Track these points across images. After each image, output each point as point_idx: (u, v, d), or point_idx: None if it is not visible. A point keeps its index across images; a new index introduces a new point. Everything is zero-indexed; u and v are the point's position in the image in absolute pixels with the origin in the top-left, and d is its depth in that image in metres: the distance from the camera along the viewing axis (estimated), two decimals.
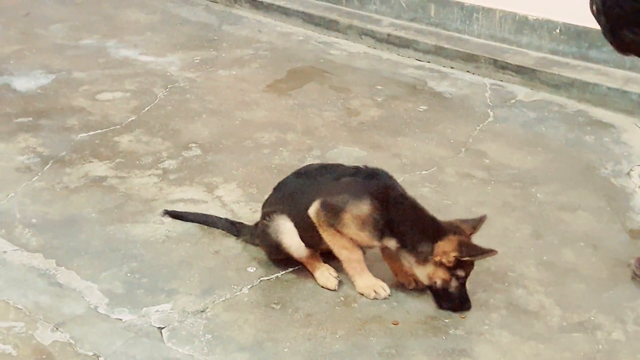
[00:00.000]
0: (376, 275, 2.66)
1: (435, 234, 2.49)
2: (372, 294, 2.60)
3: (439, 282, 2.51)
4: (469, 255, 2.45)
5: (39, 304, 2.59)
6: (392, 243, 2.55)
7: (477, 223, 2.57)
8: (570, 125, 3.73)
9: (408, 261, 2.55)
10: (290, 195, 2.74)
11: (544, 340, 2.44)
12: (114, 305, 2.58)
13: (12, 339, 2.44)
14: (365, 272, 2.64)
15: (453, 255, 2.44)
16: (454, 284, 2.51)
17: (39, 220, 3.03)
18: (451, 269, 2.48)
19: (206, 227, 2.98)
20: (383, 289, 2.61)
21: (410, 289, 2.66)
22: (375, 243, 2.58)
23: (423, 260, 2.50)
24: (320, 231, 2.60)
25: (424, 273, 2.52)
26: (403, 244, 2.53)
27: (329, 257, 2.71)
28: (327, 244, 2.64)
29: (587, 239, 2.91)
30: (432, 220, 2.55)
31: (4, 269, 2.76)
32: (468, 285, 2.54)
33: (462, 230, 2.53)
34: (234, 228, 2.95)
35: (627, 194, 3.18)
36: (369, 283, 2.62)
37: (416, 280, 2.66)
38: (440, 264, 2.48)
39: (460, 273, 2.50)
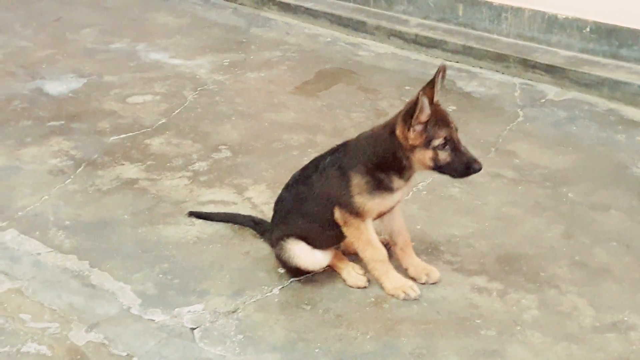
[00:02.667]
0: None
1: (391, 127, 2.46)
2: (402, 295, 2.59)
3: (431, 162, 2.43)
4: (408, 116, 2.37)
5: (73, 305, 2.62)
6: (397, 179, 2.51)
7: (431, 80, 2.42)
8: (602, 125, 3.69)
9: (409, 175, 2.51)
10: (290, 211, 2.73)
11: (576, 341, 2.42)
12: (146, 306, 2.60)
13: (47, 339, 2.47)
14: (392, 273, 2.63)
15: (402, 125, 2.40)
16: (444, 152, 2.41)
17: (72, 223, 3.07)
18: (425, 141, 2.39)
19: (237, 228, 2.99)
20: (413, 290, 2.60)
21: (429, 283, 2.66)
22: (392, 194, 2.53)
23: (407, 160, 2.46)
24: (346, 230, 2.59)
25: (420, 166, 2.46)
26: (393, 168, 2.49)
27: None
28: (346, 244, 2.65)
29: (620, 238, 2.89)
30: (385, 123, 2.51)
31: (38, 270, 2.79)
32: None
33: (410, 110, 2.39)
34: (257, 227, 2.96)
35: None
36: (398, 284, 2.61)
37: (427, 274, 2.66)
38: (413, 148, 2.42)
39: (437, 139, 2.39)
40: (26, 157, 3.56)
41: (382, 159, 2.50)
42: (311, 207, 2.65)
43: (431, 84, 2.41)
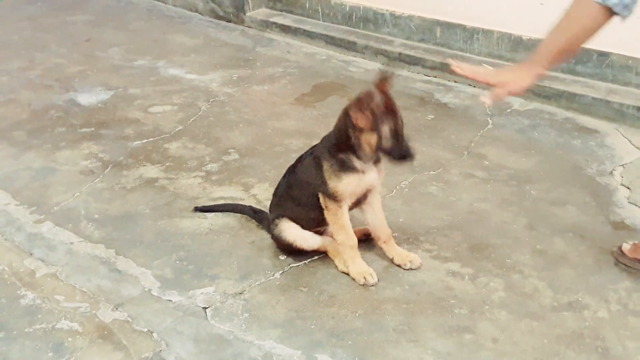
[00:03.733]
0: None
1: (346, 114, 2.44)
2: (362, 280, 2.59)
3: (374, 145, 2.40)
4: (362, 103, 2.37)
5: (101, 287, 2.63)
6: (358, 162, 2.49)
7: (382, 74, 2.44)
8: (560, 131, 3.70)
9: (364, 153, 2.47)
10: (282, 196, 2.75)
11: (537, 319, 2.43)
12: (164, 289, 2.61)
13: (78, 317, 2.48)
14: (358, 259, 2.62)
15: (355, 113, 2.39)
16: (386, 139, 2.38)
17: (101, 216, 3.07)
18: (373, 129, 2.38)
19: (243, 221, 2.99)
20: (372, 276, 2.59)
21: (411, 269, 2.66)
22: (358, 175, 2.51)
23: (356, 140, 2.44)
24: (326, 214, 2.58)
25: (367, 147, 2.44)
26: (349, 148, 2.47)
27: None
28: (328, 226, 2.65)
29: (575, 230, 2.90)
30: (343, 111, 2.48)
31: (71, 257, 2.80)
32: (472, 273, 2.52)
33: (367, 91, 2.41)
34: (256, 215, 2.97)
35: (610, 191, 3.15)
36: (361, 270, 2.60)
37: (410, 261, 2.66)
38: (362, 130, 2.40)
39: (384, 127, 2.38)
40: (61, 159, 3.56)
41: (338, 139, 2.50)
42: (297, 193, 2.67)
43: (385, 79, 2.42)
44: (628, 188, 3.17)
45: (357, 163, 2.49)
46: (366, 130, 2.40)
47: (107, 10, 5.79)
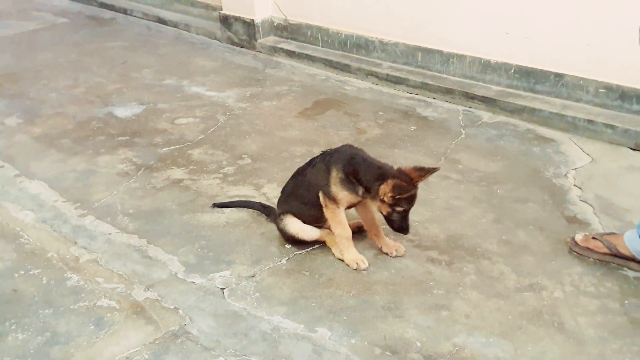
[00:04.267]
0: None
1: (382, 178, 2.45)
2: (355, 265, 2.59)
3: (385, 213, 2.50)
4: (398, 194, 2.41)
5: (135, 271, 2.63)
6: (361, 190, 2.51)
7: (425, 172, 2.46)
8: (522, 140, 3.70)
9: (370, 200, 2.52)
10: (289, 195, 2.75)
11: (503, 298, 2.44)
12: (188, 272, 2.62)
13: (115, 296, 2.49)
14: (352, 248, 2.63)
15: (389, 195, 2.42)
16: (396, 215, 2.49)
17: (134, 211, 3.08)
18: (392, 205, 2.45)
19: (255, 215, 2.99)
20: (363, 262, 2.60)
21: (397, 257, 2.66)
22: (356, 196, 2.53)
23: (374, 198, 2.48)
24: (325, 211, 2.59)
25: (375, 206, 2.52)
26: (367, 190, 2.50)
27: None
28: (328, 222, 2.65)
29: (535, 223, 2.90)
30: (381, 167, 2.50)
31: (109, 246, 2.81)
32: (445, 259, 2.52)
33: (408, 174, 2.45)
34: (265, 210, 2.97)
35: (564, 191, 3.15)
36: (354, 257, 2.61)
37: (396, 250, 2.66)
38: (383, 201, 2.46)
39: (399, 208, 2.47)
40: (101, 163, 3.56)
41: (359, 179, 2.51)
42: (303, 192, 2.67)
43: (423, 175, 2.45)
44: (580, 188, 3.17)
45: (360, 191, 2.52)
46: (384, 203, 2.47)
47: (140, 38, 5.80)
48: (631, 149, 3.53)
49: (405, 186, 2.42)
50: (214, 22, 5.73)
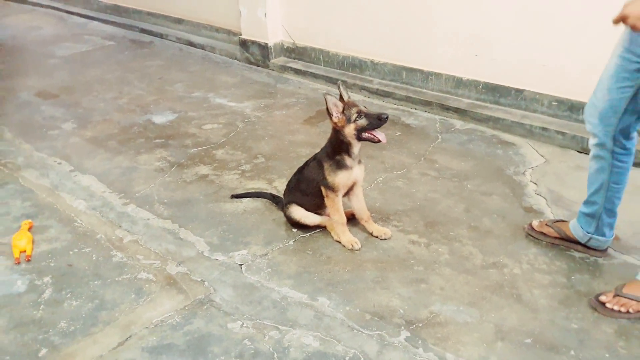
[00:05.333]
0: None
1: (335, 126, 2.46)
2: (350, 246, 2.58)
3: (356, 130, 2.41)
4: (327, 112, 2.42)
5: (169, 250, 2.64)
6: (348, 158, 2.49)
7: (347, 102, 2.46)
8: (488, 144, 3.69)
9: (353, 149, 2.48)
10: (293, 188, 2.74)
11: (471, 274, 2.44)
12: (213, 251, 2.62)
13: (152, 270, 2.49)
14: (347, 232, 2.62)
15: (333, 121, 2.42)
16: (364, 120, 2.40)
17: (168, 200, 3.08)
18: (348, 121, 2.41)
19: (267, 205, 2.99)
20: (357, 244, 2.59)
21: (384, 239, 2.66)
22: (349, 170, 2.51)
23: (344, 137, 2.45)
24: (326, 200, 2.58)
25: (353, 138, 2.44)
26: (342, 150, 2.48)
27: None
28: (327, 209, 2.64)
29: (498, 212, 2.90)
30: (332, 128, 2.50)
31: (148, 229, 2.81)
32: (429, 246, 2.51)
33: (342, 105, 2.44)
34: (274, 199, 2.97)
35: (522, 186, 3.15)
36: (349, 239, 2.60)
37: (384, 234, 2.65)
38: (343, 127, 2.43)
39: (353, 116, 2.40)
40: (141, 161, 3.56)
41: (334, 145, 2.51)
42: (304, 185, 2.67)
43: (339, 91, 2.47)
44: (535, 184, 3.17)
45: (348, 161, 2.50)
46: (346, 126, 2.40)
47: (173, 58, 5.79)
48: (578, 151, 3.52)
49: (330, 106, 2.41)
50: (235, 45, 5.72)
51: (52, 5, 7.88)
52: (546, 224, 2.63)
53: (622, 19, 1.89)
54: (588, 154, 2.41)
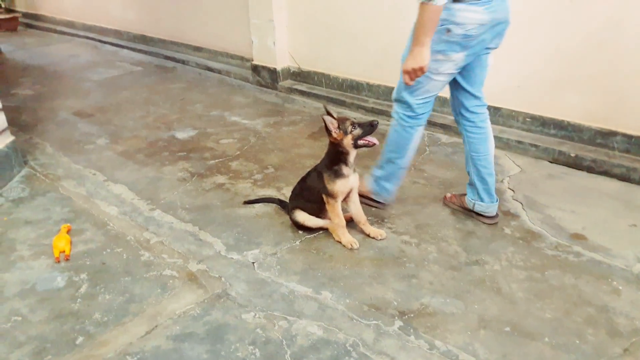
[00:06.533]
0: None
1: (333, 141, 2.48)
2: (349, 246, 2.58)
3: (353, 140, 2.44)
4: (326, 130, 2.43)
5: (190, 250, 2.64)
6: (345, 168, 2.50)
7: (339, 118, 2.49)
8: None
9: (350, 148, 2.47)
10: (297, 195, 2.74)
11: (457, 270, 2.44)
12: (229, 250, 2.62)
13: (176, 268, 2.50)
14: (347, 234, 2.62)
15: (330, 137, 2.44)
16: (355, 131, 2.42)
17: (190, 206, 3.09)
18: (345, 134, 2.43)
19: (277, 209, 3.00)
20: (355, 244, 2.58)
21: (380, 240, 2.65)
22: (346, 178, 2.51)
23: (342, 148, 2.47)
24: (327, 206, 2.59)
25: (350, 147, 2.46)
26: (340, 160, 2.50)
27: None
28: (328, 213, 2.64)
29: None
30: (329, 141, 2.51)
31: (172, 231, 2.82)
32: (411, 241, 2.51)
33: (337, 121, 2.45)
34: (281, 203, 2.97)
35: (501, 192, 3.15)
36: (349, 240, 2.60)
37: (380, 235, 2.64)
38: (341, 140, 2.44)
39: (348, 128, 2.42)
40: (165, 171, 3.57)
41: (331, 157, 2.52)
42: (307, 193, 2.67)
43: (327, 111, 2.47)
44: (512, 190, 3.17)
45: (345, 170, 2.52)
46: (343, 138, 2.43)
47: (193, 81, 5.83)
48: (549, 161, 3.53)
49: (327, 125, 2.44)
50: (247, 70, 5.76)
51: (88, 35, 7.97)
52: (453, 196, 2.90)
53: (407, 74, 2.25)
54: (558, 164, 2.42)
